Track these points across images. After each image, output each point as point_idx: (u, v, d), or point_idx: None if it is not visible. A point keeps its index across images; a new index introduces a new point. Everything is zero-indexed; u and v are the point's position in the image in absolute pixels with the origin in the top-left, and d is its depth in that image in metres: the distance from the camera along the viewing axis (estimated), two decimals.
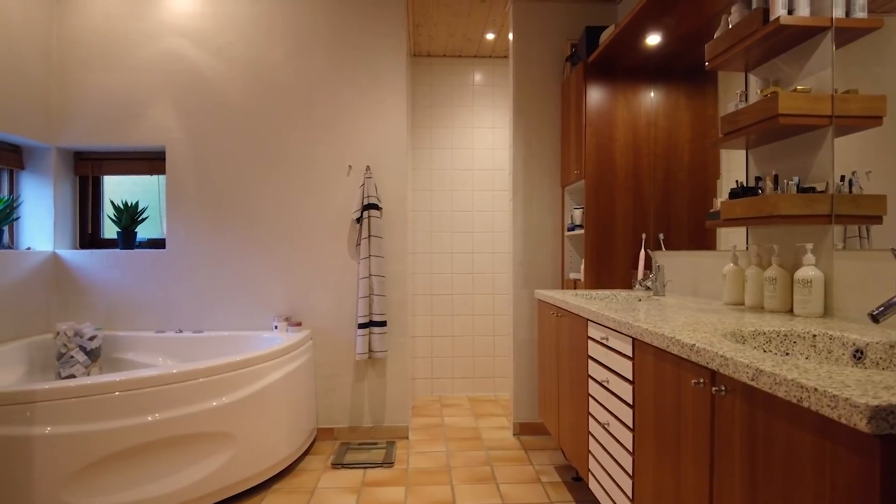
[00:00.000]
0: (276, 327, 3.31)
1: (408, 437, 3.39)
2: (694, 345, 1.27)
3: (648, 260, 2.95)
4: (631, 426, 1.71)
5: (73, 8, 3.35)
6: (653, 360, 1.55)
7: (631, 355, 1.71)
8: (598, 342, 2.03)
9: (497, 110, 4.40)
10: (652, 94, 3.05)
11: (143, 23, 3.36)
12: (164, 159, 3.43)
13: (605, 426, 1.95)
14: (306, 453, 3.17)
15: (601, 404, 2.00)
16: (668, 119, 2.97)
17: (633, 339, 1.68)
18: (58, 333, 3.20)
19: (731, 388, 1.16)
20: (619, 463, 1.82)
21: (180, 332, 3.35)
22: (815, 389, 0.88)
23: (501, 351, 4.39)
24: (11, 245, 3.32)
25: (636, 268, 3.08)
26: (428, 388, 4.37)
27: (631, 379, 1.71)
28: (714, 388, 1.21)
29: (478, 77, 4.39)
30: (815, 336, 1.41)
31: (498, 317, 4.39)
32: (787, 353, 1.44)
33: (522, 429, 3.44)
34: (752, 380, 1.04)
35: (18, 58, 3.08)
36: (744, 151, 2.16)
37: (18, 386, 2.16)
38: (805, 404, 0.90)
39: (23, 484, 2.07)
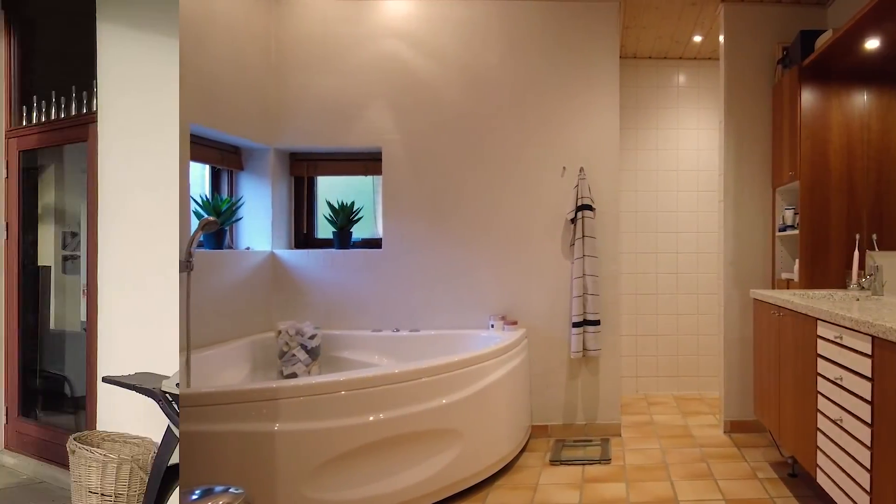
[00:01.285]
0: (492, 326, 3.36)
1: (620, 435, 3.44)
2: None
3: (862, 260, 2.98)
4: (869, 422, 1.75)
5: (291, 12, 3.40)
6: None
7: (870, 353, 1.74)
8: (830, 341, 2.06)
9: (702, 111, 4.40)
10: (865, 97, 3.09)
11: (358, 26, 3.41)
12: (379, 160, 3.47)
13: (838, 422, 1.98)
14: (523, 451, 3.21)
15: (833, 401, 2.03)
16: (881, 121, 3.01)
17: (873, 336, 1.70)
18: (279, 332, 3.27)
19: None
20: (854, 458, 1.85)
21: (397, 330, 3.41)
22: None
23: (706, 350, 4.38)
24: (231, 245, 3.38)
25: (849, 268, 3.12)
26: (633, 387, 4.40)
27: (870, 376, 1.74)
28: None
29: (682, 78, 4.42)
30: None
31: (702, 316, 4.40)
32: None
33: (733, 426, 3.48)
34: None
35: (241, 62, 3.13)
36: None
37: (262, 383, 2.19)
38: None
39: (267, 478, 2.08)
